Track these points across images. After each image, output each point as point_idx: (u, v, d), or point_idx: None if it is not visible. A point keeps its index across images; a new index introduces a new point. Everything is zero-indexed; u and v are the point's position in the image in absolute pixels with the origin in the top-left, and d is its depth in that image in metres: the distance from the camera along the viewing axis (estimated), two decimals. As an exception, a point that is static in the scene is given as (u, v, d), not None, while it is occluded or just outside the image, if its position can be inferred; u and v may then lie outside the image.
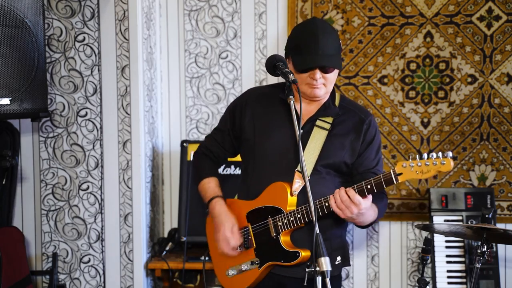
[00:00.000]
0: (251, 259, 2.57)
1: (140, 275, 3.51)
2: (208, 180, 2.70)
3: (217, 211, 2.60)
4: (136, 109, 3.45)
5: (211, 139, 2.76)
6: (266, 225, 2.53)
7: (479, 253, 2.48)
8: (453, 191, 3.52)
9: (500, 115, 3.64)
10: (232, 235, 2.53)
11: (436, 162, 2.21)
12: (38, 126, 3.51)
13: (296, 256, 2.44)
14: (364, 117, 2.57)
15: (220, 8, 3.81)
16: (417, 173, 2.24)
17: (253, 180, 2.60)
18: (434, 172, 2.22)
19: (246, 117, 2.61)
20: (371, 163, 2.54)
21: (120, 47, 3.44)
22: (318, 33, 2.40)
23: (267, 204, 2.53)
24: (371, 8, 3.68)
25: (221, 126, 2.73)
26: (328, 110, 2.54)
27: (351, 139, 2.53)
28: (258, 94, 2.67)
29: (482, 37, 3.62)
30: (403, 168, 2.27)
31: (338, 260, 2.57)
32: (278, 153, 2.52)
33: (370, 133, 2.55)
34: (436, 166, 2.21)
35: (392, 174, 2.28)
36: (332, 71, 2.45)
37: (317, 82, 2.43)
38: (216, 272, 2.73)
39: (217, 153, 2.73)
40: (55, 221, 3.54)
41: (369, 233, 3.78)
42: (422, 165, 2.23)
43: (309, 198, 2.21)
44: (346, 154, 2.52)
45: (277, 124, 2.55)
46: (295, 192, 2.47)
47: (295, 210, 2.44)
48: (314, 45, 2.39)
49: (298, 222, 2.44)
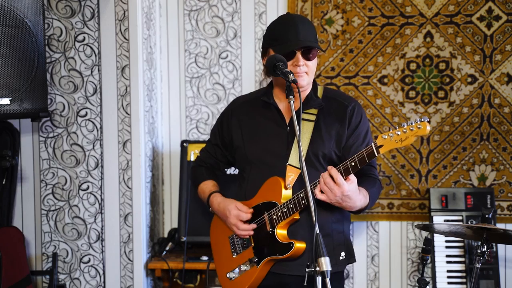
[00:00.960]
0: (250, 257, 2.58)
1: (140, 275, 3.51)
2: (205, 182, 2.79)
3: (216, 202, 2.66)
4: (136, 109, 3.45)
5: (205, 152, 2.85)
6: (262, 221, 2.55)
7: (479, 253, 2.48)
8: (453, 191, 3.53)
9: (500, 115, 3.64)
10: (240, 211, 2.56)
11: (412, 128, 2.22)
12: (38, 126, 3.51)
13: (290, 246, 2.45)
14: (347, 103, 2.59)
15: (220, 8, 3.81)
16: (396, 142, 2.25)
17: (249, 184, 2.64)
18: (413, 138, 2.23)
19: (232, 127, 2.68)
20: (359, 148, 2.54)
21: (120, 47, 3.44)
22: (297, 22, 2.48)
23: (263, 200, 2.55)
24: (371, 8, 3.68)
25: (212, 139, 2.82)
26: (311, 102, 2.57)
27: (337, 128, 2.55)
28: (242, 102, 2.74)
29: (482, 37, 3.62)
30: (383, 140, 2.27)
31: (342, 255, 2.58)
32: (269, 154, 2.56)
33: (356, 119, 2.57)
34: (413, 132, 2.21)
35: (373, 147, 2.29)
36: (313, 57, 2.50)
37: (300, 69, 2.47)
38: (218, 276, 2.74)
39: (212, 164, 2.83)
40: (55, 221, 3.54)
41: (369, 233, 3.78)
42: (401, 133, 2.24)
43: (308, 192, 2.21)
44: (334, 144, 2.54)
45: (264, 127, 2.61)
46: (289, 185, 2.49)
47: (288, 200, 2.46)
48: (294, 32, 2.46)
49: (291, 212, 2.45)
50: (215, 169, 2.84)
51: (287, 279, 2.55)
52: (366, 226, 3.77)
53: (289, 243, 2.46)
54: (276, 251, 2.50)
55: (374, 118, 3.71)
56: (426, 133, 2.21)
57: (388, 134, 2.27)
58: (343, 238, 2.61)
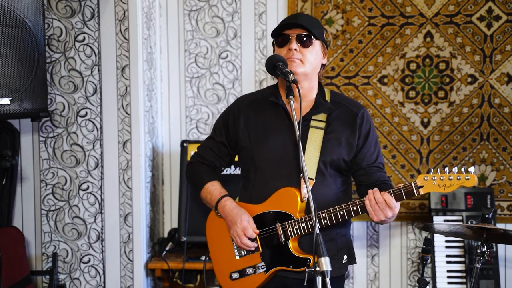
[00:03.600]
0: (257, 263, 2.55)
1: (140, 275, 3.51)
2: (212, 183, 2.67)
3: (229, 208, 2.57)
4: (136, 109, 3.45)
5: (205, 148, 2.73)
6: (274, 230, 2.51)
7: (479, 253, 2.47)
8: (453, 191, 3.52)
9: (500, 115, 3.64)
10: (249, 226, 2.51)
11: (460, 177, 2.23)
12: (38, 126, 3.51)
13: (307, 263, 2.42)
14: (356, 111, 2.56)
15: (220, 8, 3.81)
16: (439, 187, 2.26)
17: (255, 186, 2.58)
18: (457, 187, 2.24)
19: (240, 125, 2.61)
20: (371, 156, 2.55)
21: (120, 47, 3.44)
22: (299, 13, 2.57)
23: (276, 209, 2.51)
24: (371, 8, 3.68)
25: (215, 136, 2.71)
26: (319, 107, 2.54)
27: (347, 135, 2.53)
28: (249, 101, 2.66)
29: (482, 37, 3.62)
30: (425, 181, 2.28)
31: (344, 259, 2.58)
32: (277, 157, 2.52)
33: (365, 126, 2.55)
34: (460, 181, 2.23)
35: (413, 187, 2.29)
36: (309, 45, 2.46)
37: (293, 53, 2.44)
38: (217, 275, 2.71)
39: (213, 162, 2.71)
40: (55, 221, 3.54)
41: (369, 233, 3.78)
42: (445, 179, 2.25)
43: (310, 199, 2.20)
44: (344, 151, 2.52)
45: (272, 128, 2.55)
46: (304, 198, 2.45)
47: (306, 216, 2.43)
48: (293, 17, 2.50)
49: (310, 229, 2.42)
50: (216, 168, 2.73)
51: (288, 281, 2.54)
52: (366, 226, 3.78)
53: (306, 258, 2.43)
54: (290, 263, 2.47)
55: (374, 118, 3.71)
56: (473, 185, 2.23)
57: (430, 177, 2.27)
58: (345, 240, 2.61)
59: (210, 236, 2.74)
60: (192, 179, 2.78)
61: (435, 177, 2.26)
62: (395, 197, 2.31)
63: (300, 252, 2.47)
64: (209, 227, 2.75)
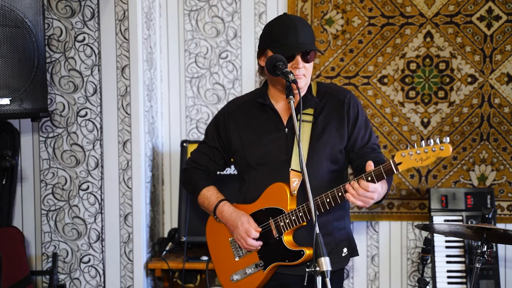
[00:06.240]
0: (255, 262, 2.57)
1: (140, 275, 3.51)
2: (207, 189, 2.70)
3: (227, 212, 2.60)
4: (136, 109, 3.45)
5: (199, 153, 2.77)
6: (267, 227, 2.54)
7: (479, 253, 2.47)
8: (453, 191, 3.52)
9: (500, 115, 3.64)
10: (251, 226, 2.53)
11: (435, 148, 2.22)
12: (38, 126, 3.51)
13: (301, 254, 2.45)
14: (342, 97, 2.58)
15: (220, 8, 3.81)
16: (416, 161, 2.25)
17: (249, 187, 2.62)
18: (434, 158, 2.23)
19: (230, 130, 2.64)
20: (364, 139, 2.57)
21: (120, 47, 3.44)
22: (297, 24, 2.47)
23: (267, 206, 2.54)
24: (371, 8, 3.68)
25: (208, 141, 2.74)
26: (306, 102, 2.55)
27: (336, 123, 2.55)
28: (238, 105, 2.70)
29: (482, 37, 3.62)
30: (403, 157, 2.27)
31: (344, 252, 2.59)
32: (269, 158, 2.55)
33: (353, 111, 2.57)
34: (435, 152, 2.21)
35: (392, 165, 2.29)
36: (311, 59, 2.50)
37: (299, 71, 2.47)
38: (219, 278, 2.73)
39: (207, 166, 2.75)
40: (55, 221, 3.54)
41: (369, 233, 3.78)
42: (421, 152, 2.24)
43: (309, 197, 2.20)
44: (335, 140, 2.54)
45: (262, 129, 2.59)
46: (294, 192, 2.49)
47: (296, 209, 2.45)
48: (295, 34, 2.46)
49: (300, 221, 2.45)
50: (211, 172, 2.77)
51: (287, 279, 2.56)
52: (366, 226, 3.78)
53: (300, 250, 2.45)
54: (285, 258, 2.49)
55: (374, 118, 3.71)
56: (449, 155, 2.21)
57: (407, 152, 2.26)
58: (345, 233, 2.62)
59: (210, 241, 2.78)
60: (188, 186, 2.82)
61: (411, 152, 2.25)
62: (376, 176, 2.30)
63: (294, 245, 2.49)
64: (208, 232, 2.78)
